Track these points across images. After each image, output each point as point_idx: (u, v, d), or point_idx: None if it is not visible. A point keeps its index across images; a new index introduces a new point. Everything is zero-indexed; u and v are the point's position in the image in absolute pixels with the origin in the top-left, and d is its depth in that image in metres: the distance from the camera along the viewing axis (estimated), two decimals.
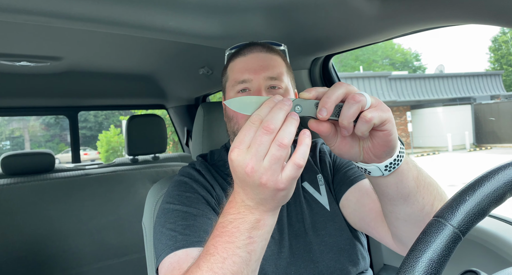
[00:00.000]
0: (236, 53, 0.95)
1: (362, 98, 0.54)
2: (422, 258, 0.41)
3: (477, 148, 16.50)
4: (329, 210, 0.92)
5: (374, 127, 0.57)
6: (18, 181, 1.81)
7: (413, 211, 0.67)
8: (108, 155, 13.87)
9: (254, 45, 0.94)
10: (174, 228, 0.76)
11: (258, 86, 0.87)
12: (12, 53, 1.58)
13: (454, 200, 0.44)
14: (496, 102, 17.32)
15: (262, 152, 0.49)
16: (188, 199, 0.83)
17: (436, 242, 0.41)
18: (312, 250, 0.86)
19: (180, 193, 0.85)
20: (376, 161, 0.62)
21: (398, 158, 0.62)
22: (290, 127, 0.50)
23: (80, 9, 0.95)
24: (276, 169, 0.50)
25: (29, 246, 1.74)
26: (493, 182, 0.43)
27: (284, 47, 1.03)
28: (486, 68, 29.22)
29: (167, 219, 0.80)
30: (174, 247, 0.73)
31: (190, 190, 0.86)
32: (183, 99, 2.60)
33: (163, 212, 0.83)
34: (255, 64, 0.90)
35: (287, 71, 0.95)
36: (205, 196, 0.85)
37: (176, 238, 0.74)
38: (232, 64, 0.94)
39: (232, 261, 0.54)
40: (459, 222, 0.42)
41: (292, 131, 0.50)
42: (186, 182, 0.89)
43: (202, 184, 0.89)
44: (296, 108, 0.55)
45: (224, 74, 0.98)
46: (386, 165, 0.62)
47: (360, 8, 0.96)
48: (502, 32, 26.13)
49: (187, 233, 0.74)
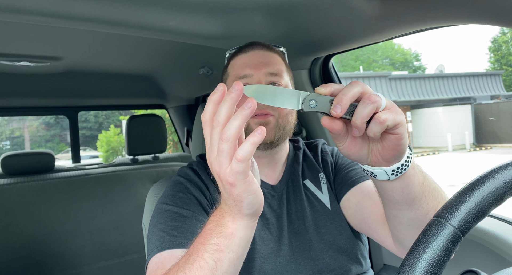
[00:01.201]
0: (237, 51, 0.96)
1: (378, 99, 0.54)
2: (422, 258, 0.41)
3: (477, 148, 16.50)
4: (330, 209, 0.92)
5: (387, 130, 0.56)
6: (18, 181, 1.81)
7: (417, 216, 0.67)
8: (108, 155, 13.88)
9: (255, 44, 0.95)
10: (163, 228, 0.77)
11: (259, 81, 0.88)
12: (12, 53, 1.58)
13: (454, 200, 0.44)
14: (496, 102, 17.33)
15: (214, 145, 0.50)
16: (180, 199, 0.83)
17: (436, 242, 0.41)
18: (312, 248, 0.86)
19: (174, 193, 0.85)
20: (384, 164, 0.61)
21: (406, 162, 0.62)
22: (234, 122, 0.48)
23: (80, 9, 0.95)
24: (222, 161, 0.49)
25: (29, 246, 1.74)
26: (493, 182, 0.43)
27: (283, 49, 1.03)
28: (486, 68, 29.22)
29: (159, 219, 0.81)
30: (160, 248, 0.74)
31: (184, 190, 0.86)
32: (183, 99, 2.60)
33: (157, 211, 0.84)
34: (256, 60, 0.90)
35: (287, 70, 0.96)
36: (198, 197, 0.85)
37: (163, 239, 0.75)
38: (233, 62, 0.95)
39: (199, 265, 0.54)
40: (459, 222, 0.42)
41: (235, 125, 0.48)
42: (181, 182, 0.89)
43: (197, 184, 0.89)
44: (311, 102, 0.55)
45: (224, 72, 0.99)
46: (394, 169, 0.61)
47: (360, 8, 0.96)
48: (502, 33, 26.12)
49: (174, 234, 0.75)
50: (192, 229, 0.76)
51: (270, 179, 0.95)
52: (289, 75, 0.96)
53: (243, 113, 0.48)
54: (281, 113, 0.89)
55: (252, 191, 0.51)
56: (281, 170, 0.97)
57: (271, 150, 0.92)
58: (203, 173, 0.93)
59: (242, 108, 0.48)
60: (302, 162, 1.00)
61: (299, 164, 0.99)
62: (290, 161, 0.99)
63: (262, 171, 0.95)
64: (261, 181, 0.94)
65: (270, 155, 0.94)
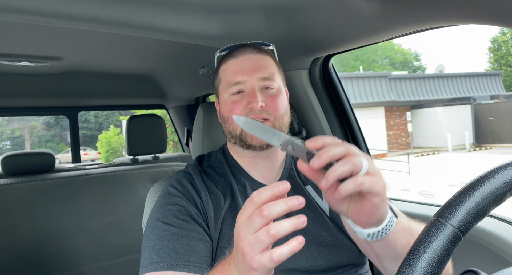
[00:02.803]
0: (227, 55, 0.96)
1: (357, 162, 0.56)
2: (422, 258, 0.41)
3: (477, 148, 16.51)
4: (328, 216, 0.91)
5: (363, 195, 0.58)
6: (18, 181, 1.81)
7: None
8: (108, 155, 13.88)
9: (245, 47, 0.95)
10: (152, 246, 0.79)
11: (252, 87, 0.88)
12: (12, 53, 1.58)
13: (454, 200, 0.44)
14: (496, 102, 17.34)
15: (252, 228, 0.52)
16: (169, 212, 0.84)
17: (436, 242, 0.41)
18: (309, 250, 0.86)
19: (163, 206, 0.86)
20: (361, 226, 0.63)
21: (383, 230, 0.63)
22: (285, 224, 0.50)
23: (81, 9, 0.95)
24: (256, 248, 0.51)
25: (29, 245, 1.74)
26: (493, 182, 0.44)
27: (272, 47, 1.03)
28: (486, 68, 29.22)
29: (149, 234, 0.82)
30: (148, 268, 0.76)
31: (173, 203, 0.86)
32: (183, 99, 2.60)
33: (148, 225, 0.85)
34: (248, 66, 0.90)
35: (278, 70, 0.96)
36: (187, 207, 0.85)
37: (151, 258, 0.77)
38: (224, 67, 0.95)
39: None
40: (459, 222, 0.42)
41: (285, 229, 0.50)
42: (170, 192, 0.89)
43: (188, 191, 0.89)
44: (288, 147, 0.59)
45: (216, 76, 0.99)
46: (369, 233, 0.63)
47: (360, 8, 0.96)
48: (502, 33, 26.14)
49: (161, 254, 0.77)
50: (177, 248, 0.77)
51: (267, 179, 0.95)
52: (280, 75, 0.97)
53: (295, 223, 0.51)
54: (276, 116, 0.89)
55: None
56: (278, 171, 0.97)
57: (267, 150, 0.92)
58: (197, 177, 0.92)
59: (296, 222, 0.51)
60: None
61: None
62: (288, 164, 0.99)
63: (258, 172, 0.95)
64: (257, 182, 0.94)
65: (266, 154, 0.93)
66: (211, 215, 0.86)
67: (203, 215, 0.86)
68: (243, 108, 0.88)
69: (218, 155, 1.02)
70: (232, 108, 0.89)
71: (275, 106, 0.89)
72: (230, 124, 0.92)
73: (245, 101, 0.88)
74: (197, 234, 0.81)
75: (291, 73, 1.47)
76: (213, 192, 0.90)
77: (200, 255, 0.78)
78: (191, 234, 0.80)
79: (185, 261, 0.76)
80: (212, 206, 0.87)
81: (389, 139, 17.51)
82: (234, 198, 0.89)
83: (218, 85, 0.97)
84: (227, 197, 0.89)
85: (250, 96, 0.88)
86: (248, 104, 0.87)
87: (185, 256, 0.76)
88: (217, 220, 0.85)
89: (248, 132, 0.85)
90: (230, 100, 0.91)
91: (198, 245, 0.79)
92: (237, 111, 0.88)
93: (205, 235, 0.82)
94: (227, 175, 0.94)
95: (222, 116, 0.96)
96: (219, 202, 0.88)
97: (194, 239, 0.79)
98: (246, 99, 0.88)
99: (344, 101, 1.54)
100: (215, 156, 1.02)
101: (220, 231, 0.84)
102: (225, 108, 0.92)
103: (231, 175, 0.94)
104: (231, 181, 0.92)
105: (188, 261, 0.76)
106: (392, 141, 17.71)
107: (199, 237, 0.80)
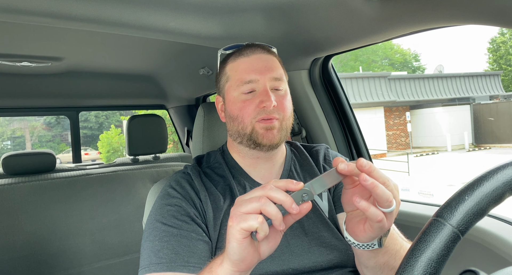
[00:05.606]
0: (237, 54, 0.94)
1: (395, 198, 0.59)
2: (421, 258, 0.41)
3: (476, 148, 16.51)
4: (327, 216, 0.91)
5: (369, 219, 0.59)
6: (19, 181, 1.81)
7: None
8: (109, 155, 13.88)
9: (255, 47, 0.94)
10: (151, 247, 0.79)
11: (264, 86, 0.88)
12: (13, 53, 1.58)
13: (453, 199, 0.44)
14: (495, 102, 17.34)
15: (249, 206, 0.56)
16: (168, 212, 0.84)
17: (435, 241, 0.41)
18: (311, 250, 0.86)
19: (162, 206, 0.86)
20: (352, 236, 0.65)
21: (372, 244, 0.66)
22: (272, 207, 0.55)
23: (81, 10, 0.95)
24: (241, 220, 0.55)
25: (29, 245, 1.75)
26: (492, 182, 0.44)
27: (274, 49, 1.03)
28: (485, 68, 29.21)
29: (148, 235, 0.82)
30: (148, 269, 0.77)
31: (172, 203, 0.86)
32: (183, 100, 2.61)
33: (147, 226, 0.85)
34: (260, 65, 0.90)
35: (284, 72, 0.96)
36: (185, 207, 0.85)
37: (151, 259, 0.77)
38: (234, 65, 0.93)
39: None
40: (458, 221, 0.42)
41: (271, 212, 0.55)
42: (169, 193, 0.89)
43: (187, 191, 0.88)
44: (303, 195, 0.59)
45: (222, 74, 0.96)
46: (355, 244, 0.66)
47: (360, 9, 0.97)
48: (501, 33, 26.14)
49: (160, 255, 0.77)
50: (176, 249, 0.78)
51: (267, 180, 0.94)
52: (286, 77, 0.97)
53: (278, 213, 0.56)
54: (285, 116, 0.89)
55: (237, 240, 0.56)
56: (278, 172, 0.97)
57: (271, 151, 0.92)
58: (196, 177, 0.92)
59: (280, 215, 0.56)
60: (302, 168, 1.00)
61: (299, 171, 0.99)
62: (287, 165, 0.99)
63: (258, 173, 0.95)
64: (257, 183, 0.94)
65: (270, 155, 0.93)
66: (210, 215, 0.86)
67: (202, 216, 0.86)
68: (255, 107, 0.87)
69: (217, 155, 1.01)
70: (243, 107, 0.88)
71: (284, 107, 0.89)
72: (240, 123, 0.90)
73: (257, 100, 0.87)
74: (196, 234, 0.81)
75: (291, 74, 1.47)
76: (212, 192, 0.90)
77: (200, 256, 0.78)
78: (190, 235, 0.80)
79: (185, 261, 0.76)
80: (211, 207, 0.87)
81: (388, 139, 17.52)
82: (233, 198, 0.89)
83: (225, 84, 0.95)
84: (226, 198, 0.89)
85: (263, 95, 0.87)
86: (261, 103, 0.86)
87: (185, 257, 0.76)
88: (216, 221, 0.85)
89: (260, 131, 0.87)
90: (240, 99, 0.89)
91: (197, 245, 0.79)
92: (249, 110, 0.87)
93: (204, 236, 0.82)
94: (227, 175, 0.94)
95: (229, 115, 0.93)
96: (218, 202, 0.88)
97: (193, 240, 0.79)
98: (258, 98, 0.87)
99: (344, 101, 1.55)
100: (214, 157, 1.01)
101: (219, 231, 0.84)
102: (234, 107, 0.91)
103: (231, 175, 0.94)
104: (231, 182, 0.92)
105: (187, 261, 0.76)
106: (391, 141, 17.71)
107: (198, 238, 0.80)
